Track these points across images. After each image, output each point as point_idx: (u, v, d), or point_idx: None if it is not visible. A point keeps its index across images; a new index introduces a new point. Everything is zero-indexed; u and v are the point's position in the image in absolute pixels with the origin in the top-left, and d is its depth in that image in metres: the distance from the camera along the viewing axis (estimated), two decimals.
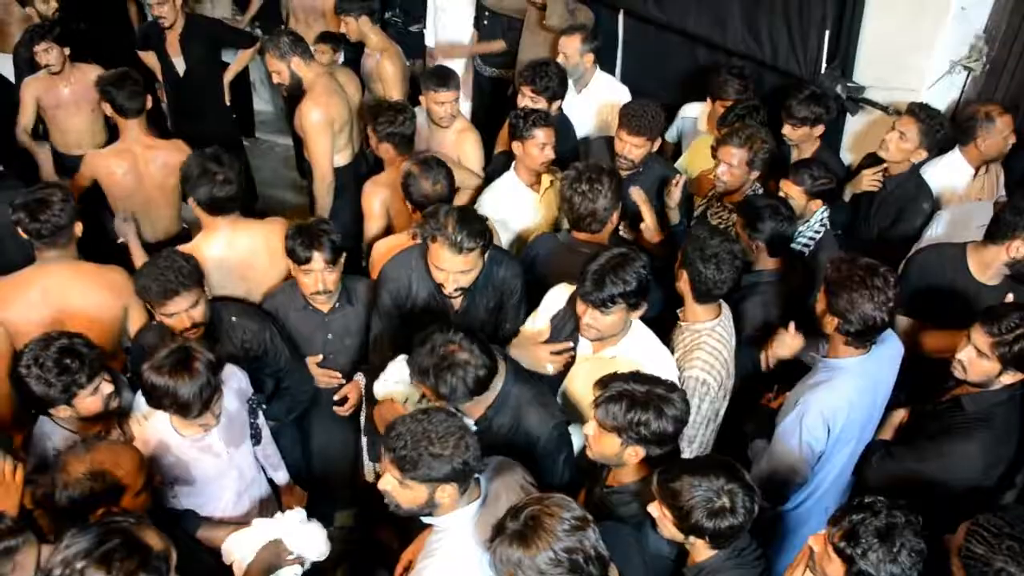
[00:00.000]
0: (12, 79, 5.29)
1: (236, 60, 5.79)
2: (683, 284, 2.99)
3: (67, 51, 4.78)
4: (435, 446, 2.17)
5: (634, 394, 2.37)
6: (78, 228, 3.32)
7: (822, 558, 2.18)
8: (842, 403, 2.78)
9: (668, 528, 2.30)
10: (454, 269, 2.92)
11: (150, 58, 5.68)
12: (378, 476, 3.64)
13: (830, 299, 2.72)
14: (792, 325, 3.10)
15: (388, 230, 3.94)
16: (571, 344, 2.95)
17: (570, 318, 2.96)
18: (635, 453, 2.42)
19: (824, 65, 4.23)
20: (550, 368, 2.96)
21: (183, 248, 3.23)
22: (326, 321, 3.40)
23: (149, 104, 4.16)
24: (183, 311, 2.94)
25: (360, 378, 3.51)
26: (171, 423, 2.78)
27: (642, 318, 2.92)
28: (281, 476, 3.42)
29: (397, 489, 2.26)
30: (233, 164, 3.46)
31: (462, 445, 2.20)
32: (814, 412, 2.77)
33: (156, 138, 4.29)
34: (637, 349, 2.88)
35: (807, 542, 2.27)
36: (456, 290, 3.00)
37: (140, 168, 4.11)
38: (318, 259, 3.14)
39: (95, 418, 2.72)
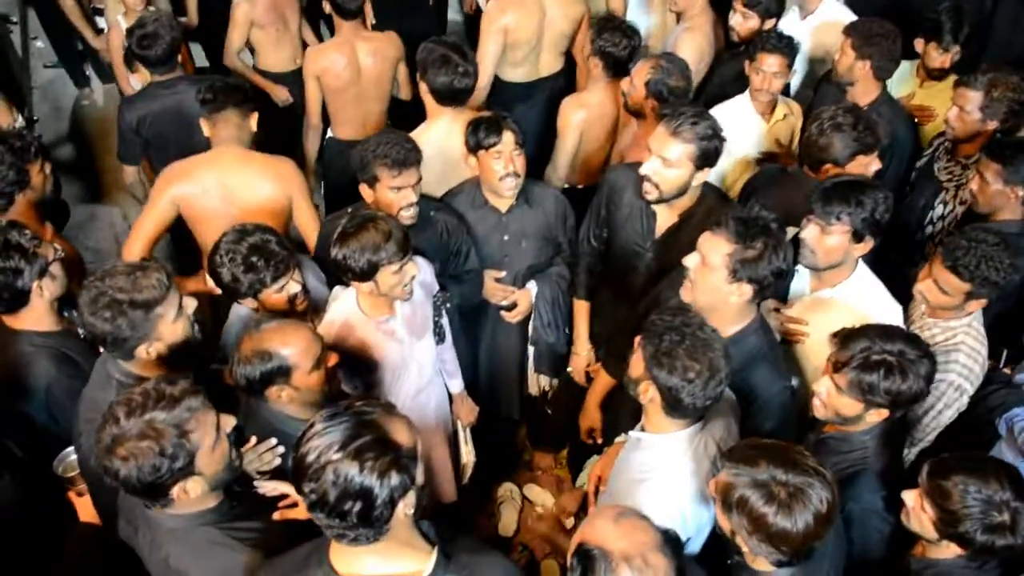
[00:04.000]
0: None
1: None
2: (932, 284, 2.63)
3: None
4: (678, 348, 2.06)
5: (886, 359, 2.14)
6: (252, 122, 3.35)
7: None
8: None
9: (922, 523, 2.08)
10: (660, 151, 2.72)
11: None
12: (543, 391, 3.72)
13: None
14: None
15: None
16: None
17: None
18: (879, 415, 2.22)
19: None
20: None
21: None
22: (503, 221, 3.32)
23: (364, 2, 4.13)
24: (410, 186, 2.93)
25: (532, 287, 3.44)
26: (357, 303, 2.77)
27: None
28: (456, 385, 3.39)
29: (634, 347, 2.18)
30: (472, 59, 3.44)
31: (701, 378, 2.05)
32: None
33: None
34: (860, 295, 2.63)
35: None
36: (650, 182, 2.78)
37: (358, 60, 4.13)
38: (508, 139, 3.07)
39: (285, 313, 2.71)
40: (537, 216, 3.34)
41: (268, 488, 2.26)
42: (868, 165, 3.00)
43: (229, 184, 3.28)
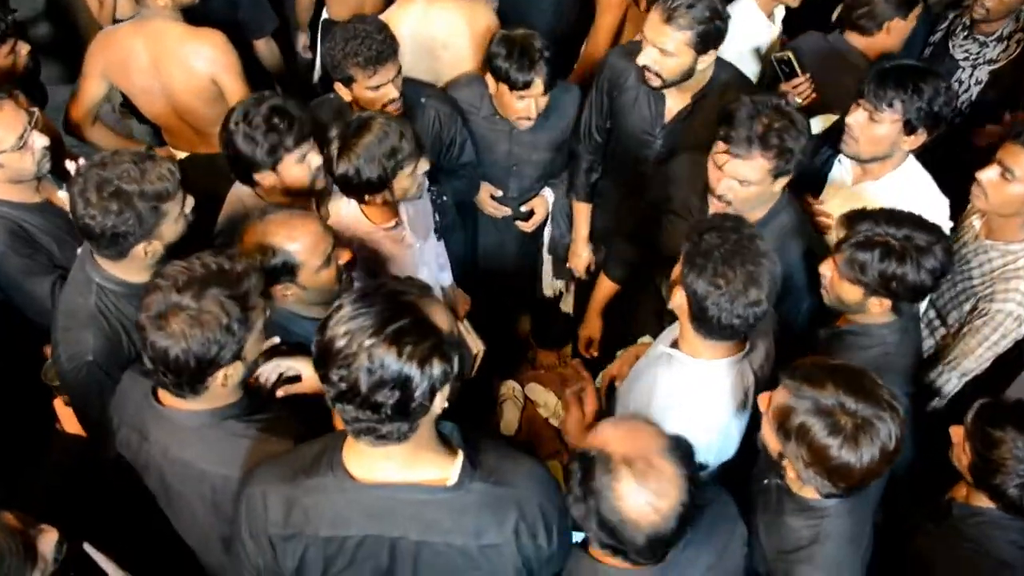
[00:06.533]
0: None
1: None
2: (996, 170, 2.33)
3: None
4: (716, 251, 1.90)
5: (888, 242, 2.01)
6: None
7: None
8: None
9: (960, 460, 1.98)
10: (655, 41, 2.54)
11: None
12: (557, 293, 3.58)
13: None
14: None
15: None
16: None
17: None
18: (880, 304, 2.09)
19: None
20: None
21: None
22: (514, 132, 3.08)
23: None
24: (390, 81, 2.69)
25: (548, 193, 3.26)
26: (362, 212, 2.57)
27: None
28: (446, 277, 3.23)
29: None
30: None
31: (732, 288, 1.88)
32: None
33: None
34: (905, 190, 2.46)
35: None
36: (651, 71, 2.60)
37: None
38: (538, 85, 2.80)
39: (297, 196, 2.52)
40: (554, 125, 3.09)
41: (268, 370, 2.05)
42: (902, 32, 2.91)
43: (153, 55, 3.03)
